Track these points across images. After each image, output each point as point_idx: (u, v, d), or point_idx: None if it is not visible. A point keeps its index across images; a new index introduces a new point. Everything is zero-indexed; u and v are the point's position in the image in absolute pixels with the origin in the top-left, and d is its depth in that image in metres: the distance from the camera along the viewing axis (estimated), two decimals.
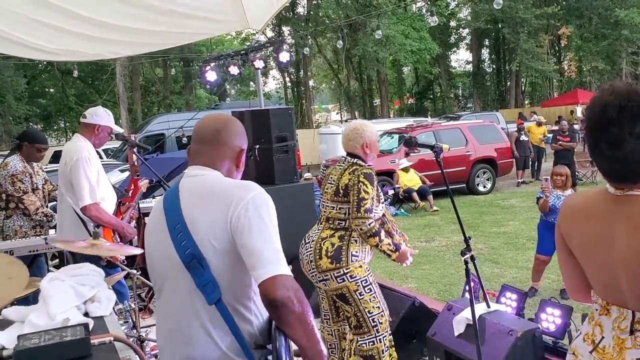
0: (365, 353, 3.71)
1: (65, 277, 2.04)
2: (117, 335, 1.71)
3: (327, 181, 3.86)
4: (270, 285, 1.70)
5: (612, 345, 1.87)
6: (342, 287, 3.65)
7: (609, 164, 1.80)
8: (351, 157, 3.82)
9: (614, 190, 1.83)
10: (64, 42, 5.45)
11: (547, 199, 6.15)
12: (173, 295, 1.90)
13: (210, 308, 1.81)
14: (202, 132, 2.04)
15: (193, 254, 1.81)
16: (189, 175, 2.00)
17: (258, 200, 1.84)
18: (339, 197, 3.70)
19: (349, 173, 3.69)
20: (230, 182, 1.97)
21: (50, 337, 1.62)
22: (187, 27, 5.55)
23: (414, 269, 7.97)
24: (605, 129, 1.74)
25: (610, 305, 1.89)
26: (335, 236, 3.69)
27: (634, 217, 1.76)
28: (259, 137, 6.15)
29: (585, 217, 1.91)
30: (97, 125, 4.28)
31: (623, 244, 1.77)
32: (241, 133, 2.09)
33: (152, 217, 2.05)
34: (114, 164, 13.58)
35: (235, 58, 8.57)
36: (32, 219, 5.12)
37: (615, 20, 31.57)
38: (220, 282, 1.82)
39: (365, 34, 29.81)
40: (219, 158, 2.01)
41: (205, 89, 38.66)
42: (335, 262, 3.63)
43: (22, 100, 29.45)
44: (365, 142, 3.78)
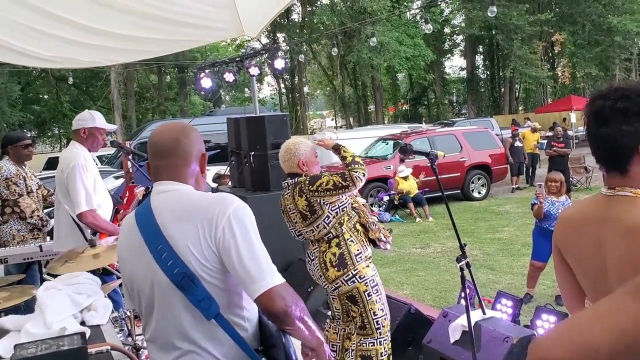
0: (364, 353, 3.77)
1: (62, 285, 2.03)
2: (114, 344, 1.71)
3: (289, 212, 3.80)
4: (268, 300, 1.74)
5: None
6: (352, 288, 3.70)
7: (595, 144, 1.81)
8: (292, 177, 3.80)
9: (606, 191, 1.84)
10: (59, 50, 5.44)
11: (541, 205, 6.17)
12: (165, 313, 1.86)
13: (209, 323, 1.80)
14: (163, 145, 1.94)
15: (183, 272, 1.78)
16: (159, 192, 1.92)
17: (239, 213, 1.82)
18: (309, 220, 3.69)
19: (299, 195, 3.67)
20: (207, 196, 1.92)
21: (47, 347, 1.61)
22: (183, 34, 5.55)
23: (410, 275, 7.97)
24: (594, 102, 1.78)
25: None
26: (333, 245, 3.71)
27: (623, 219, 1.76)
28: (254, 143, 6.16)
29: (579, 224, 1.91)
30: (83, 129, 4.27)
31: (613, 248, 1.78)
32: (199, 137, 2.02)
33: (125, 240, 1.97)
34: (109, 170, 13.56)
35: (230, 65, 8.58)
36: (28, 223, 5.11)
37: (608, 26, 31.74)
38: (214, 295, 1.81)
39: (359, 40, 29.90)
40: (185, 168, 1.94)
41: (200, 96, 38.70)
42: (342, 269, 3.67)
43: (16, 107, 29.38)
44: (300, 161, 3.77)
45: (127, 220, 1.99)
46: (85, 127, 4.26)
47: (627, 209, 1.76)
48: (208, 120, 18.22)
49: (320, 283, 3.88)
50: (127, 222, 1.99)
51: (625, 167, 1.77)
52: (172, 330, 1.86)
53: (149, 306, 1.91)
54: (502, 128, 23.33)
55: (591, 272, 1.89)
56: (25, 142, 5.22)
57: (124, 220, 2.06)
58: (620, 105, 1.71)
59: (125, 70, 28.51)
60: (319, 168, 3.93)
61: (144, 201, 2.01)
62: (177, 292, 1.81)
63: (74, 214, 4.08)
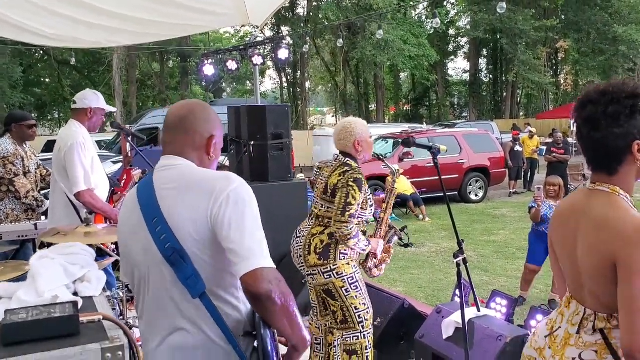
0: (348, 347, 3.75)
1: (56, 255, 2.01)
2: (106, 315, 1.69)
3: (320, 177, 3.87)
4: (252, 279, 1.68)
5: (561, 337, 1.94)
6: (328, 282, 3.68)
7: (587, 147, 1.87)
8: (343, 155, 3.80)
9: (589, 185, 1.91)
10: (62, 28, 5.40)
11: (539, 208, 6.16)
12: (156, 288, 1.86)
13: (195, 301, 1.78)
14: (169, 120, 1.96)
15: (173, 247, 1.76)
16: (162, 166, 1.92)
17: (240, 192, 1.80)
18: (326, 196, 3.71)
19: (339, 174, 3.66)
20: (208, 172, 1.91)
21: (38, 313, 1.59)
22: (188, 19, 5.52)
23: (403, 273, 7.97)
24: (584, 107, 1.84)
25: (572, 299, 1.96)
26: (325, 233, 3.70)
27: (591, 213, 1.83)
28: (255, 133, 6.13)
29: (563, 217, 1.99)
30: (89, 109, 4.24)
31: (582, 241, 1.85)
32: (210, 119, 1.99)
33: (125, 212, 1.97)
34: (107, 155, 13.52)
35: (233, 53, 8.55)
36: (23, 203, 5.08)
37: (613, 36, 31.75)
38: (203, 273, 1.78)
39: (364, 37, 29.84)
40: (187, 146, 1.93)
41: (201, 86, 38.62)
42: (322, 259, 3.65)
43: (17, 89, 29.29)
44: (356, 140, 3.75)
45: (130, 194, 1.99)
46: (91, 107, 4.25)
47: (600, 203, 1.82)
48: None
49: (297, 262, 3.85)
50: (130, 196, 1.99)
51: (615, 168, 1.83)
52: (162, 307, 1.85)
53: (142, 281, 1.90)
54: (503, 132, 23.33)
55: (568, 261, 1.97)
56: (30, 122, 5.19)
57: (127, 194, 2.05)
58: (612, 110, 1.77)
59: (128, 56, 28.45)
60: (371, 151, 3.92)
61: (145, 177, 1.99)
62: (168, 268, 1.79)
63: (71, 193, 4.05)
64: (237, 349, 1.79)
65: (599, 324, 1.84)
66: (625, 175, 1.82)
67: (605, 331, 1.82)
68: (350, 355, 3.76)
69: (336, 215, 3.57)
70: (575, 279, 1.93)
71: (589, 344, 1.85)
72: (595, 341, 1.84)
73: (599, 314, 1.84)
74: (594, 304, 1.85)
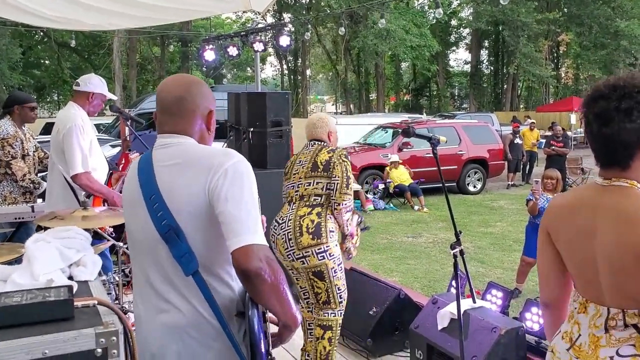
0: (325, 322, 3.86)
1: (51, 238, 2.00)
2: (101, 299, 1.68)
3: (296, 164, 3.98)
4: (243, 255, 1.67)
5: (588, 343, 1.88)
6: (321, 264, 3.74)
7: (598, 143, 1.81)
8: (318, 141, 4.02)
9: (601, 181, 1.85)
10: (63, 10, 5.37)
11: (536, 201, 6.16)
12: (151, 265, 1.87)
13: (188, 278, 1.79)
14: (167, 102, 1.93)
15: (169, 224, 1.77)
16: (161, 144, 1.92)
17: (239, 167, 1.80)
18: (317, 172, 3.81)
19: (327, 152, 3.87)
20: (208, 148, 1.91)
21: (32, 296, 1.58)
22: (189, 3, 5.49)
23: (399, 263, 7.98)
24: (595, 102, 1.78)
25: (589, 303, 1.89)
26: (314, 213, 3.78)
27: (616, 208, 1.77)
28: (254, 120, 6.10)
29: (571, 211, 1.92)
30: (91, 93, 4.22)
31: (604, 236, 1.79)
32: (207, 94, 1.99)
33: (128, 188, 1.98)
34: (106, 139, 13.49)
35: (235, 39, 8.50)
36: (20, 186, 5.06)
37: (615, 30, 31.66)
38: (198, 250, 1.79)
39: (366, 26, 29.73)
40: (188, 124, 1.92)
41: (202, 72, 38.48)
42: (316, 238, 3.72)
43: (17, 70, 29.18)
44: (330, 131, 4.06)
45: (131, 170, 2.00)
46: (94, 92, 4.22)
47: (621, 198, 1.78)
48: None
49: (284, 249, 3.82)
50: (131, 172, 1.99)
51: (628, 163, 1.78)
52: (156, 283, 1.86)
53: (139, 253, 1.92)
54: (503, 124, 23.30)
55: (580, 259, 1.90)
56: (32, 104, 5.17)
57: (129, 168, 2.05)
58: (624, 105, 1.72)
59: (129, 40, 28.32)
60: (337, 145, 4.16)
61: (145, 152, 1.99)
62: (163, 245, 1.80)
63: (68, 175, 4.03)
64: (227, 329, 1.79)
65: (630, 320, 1.78)
66: (637, 170, 1.79)
67: (639, 325, 1.77)
68: (325, 330, 3.86)
69: (342, 187, 3.75)
70: (589, 279, 1.86)
71: (624, 339, 1.79)
72: (630, 335, 1.78)
73: (628, 311, 1.78)
74: (621, 301, 1.79)
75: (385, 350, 4.53)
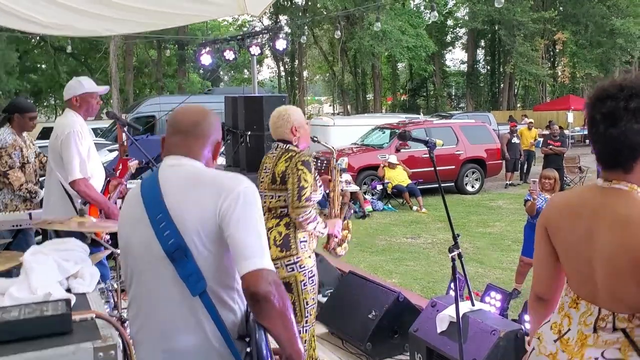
0: None
1: (49, 251, 2.00)
2: (99, 313, 1.68)
3: (263, 170, 3.77)
4: (253, 279, 1.69)
5: (576, 339, 1.89)
6: (290, 276, 3.59)
7: (603, 144, 1.81)
8: (282, 142, 3.73)
9: (602, 182, 1.85)
10: (58, 16, 5.36)
11: (534, 201, 6.16)
12: (154, 286, 1.86)
13: (193, 300, 1.79)
14: (182, 124, 1.99)
15: (177, 243, 1.78)
16: (169, 165, 1.95)
17: (249, 192, 1.84)
18: (276, 185, 3.61)
19: (285, 160, 3.59)
20: (217, 172, 1.95)
21: (30, 311, 1.58)
22: (185, 8, 5.48)
23: (399, 264, 7.98)
24: (603, 102, 1.77)
25: (580, 300, 1.91)
26: (282, 224, 3.61)
27: (614, 211, 1.78)
28: (251, 123, 6.13)
29: (571, 212, 1.93)
30: (74, 98, 4.20)
31: (601, 238, 1.80)
32: (218, 125, 2.08)
33: (127, 208, 1.99)
34: (103, 143, 13.49)
35: (231, 43, 8.50)
36: (19, 195, 5.05)
37: (611, 28, 31.68)
38: (205, 271, 1.79)
39: (362, 27, 29.74)
40: (199, 149, 1.98)
41: (199, 74, 38.48)
42: (285, 250, 3.57)
43: (13, 75, 29.15)
44: (293, 126, 3.69)
45: (133, 190, 2.01)
46: (75, 95, 4.20)
47: (619, 201, 1.78)
48: (205, 99, 18.13)
49: None
50: (133, 192, 2.01)
51: (631, 165, 1.78)
52: (158, 305, 1.85)
53: (138, 273, 1.90)
54: (500, 123, 23.32)
55: (577, 259, 1.91)
56: (33, 114, 5.15)
57: (130, 191, 2.07)
58: (633, 105, 1.72)
59: (125, 44, 28.29)
60: (308, 138, 3.85)
61: (139, 174, 2.01)
62: (169, 265, 1.80)
63: (66, 182, 4.03)
64: (235, 350, 1.79)
65: (620, 324, 1.80)
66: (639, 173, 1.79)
67: (627, 330, 1.78)
68: None
69: (293, 201, 3.50)
70: (585, 278, 1.88)
71: (611, 341, 1.80)
72: (617, 339, 1.80)
73: (618, 315, 1.80)
74: (613, 304, 1.81)
75: (385, 353, 4.53)
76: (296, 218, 3.53)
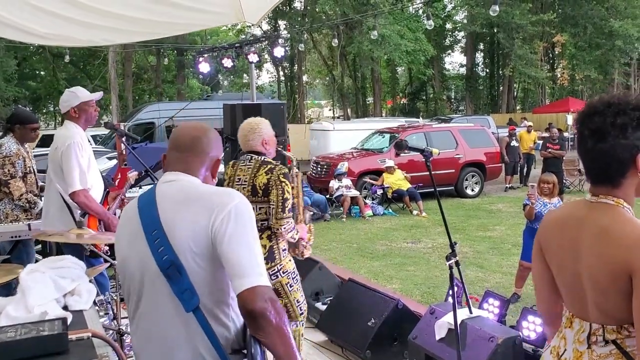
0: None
1: (46, 269, 2.01)
2: (95, 332, 1.69)
3: (235, 182, 3.80)
4: (249, 296, 1.70)
5: (572, 358, 1.91)
6: (275, 283, 3.73)
7: (592, 159, 1.84)
8: (255, 154, 3.81)
9: (589, 197, 1.88)
10: (56, 27, 5.36)
11: (533, 206, 6.17)
12: (150, 301, 1.87)
13: (187, 316, 1.80)
14: (182, 140, 2.02)
15: (171, 260, 1.79)
16: (166, 180, 1.96)
17: (241, 208, 1.84)
18: (257, 197, 3.67)
19: (266, 172, 3.67)
20: (210, 188, 1.96)
21: (27, 331, 1.59)
22: (182, 17, 5.49)
23: (399, 270, 7.98)
24: (591, 118, 1.81)
25: (574, 318, 1.93)
26: (264, 237, 3.70)
27: (598, 225, 1.81)
28: None
29: (561, 227, 1.96)
30: (72, 109, 4.22)
31: (586, 251, 1.82)
32: (219, 144, 2.09)
33: (125, 223, 2.00)
34: (102, 151, 13.49)
35: (229, 50, 8.52)
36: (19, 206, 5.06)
37: (609, 30, 31.69)
38: (198, 287, 1.80)
39: (361, 32, 29.75)
40: (198, 165, 1.99)
41: (198, 79, 38.51)
42: (270, 262, 3.69)
43: (12, 82, 29.16)
44: (263, 140, 3.80)
45: (130, 205, 2.02)
46: (72, 107, 4.21)
47: (604, 216, 1.81)
48: (204, 104, 18.16)
49: None
50: (130, 206, 2.01)
51: (619, 180, 1.81)
52: (154, 320, 1.86)
53: (136, 288, 1.91)
54: (499, 126, 23.34)
55: (567, 274, 1.93)
56: (35, 125, 5.18)
57: (127, 205, 2.07)
58: (620, 121, 1.75)
59: (124, 51, 28.31)
60: (275, 149, 3.95)
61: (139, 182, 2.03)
62: (163, 281, 1.81)
63: (66, 193, 4.04)
64: None
65: (609, 336, 1.82)
66: (627, 188, 1.81)
67: (618, 341, 1.80)
68: None
69: (277, 213, 3.63)
70: (575, 294, 1.90)
71: (604, 354, 1.83)
72: (610, 351, 1.82)
73: (607, 327, 1.82)
74: (601, 317, 1.83)
75: None
76: (279, 229, 3.66)
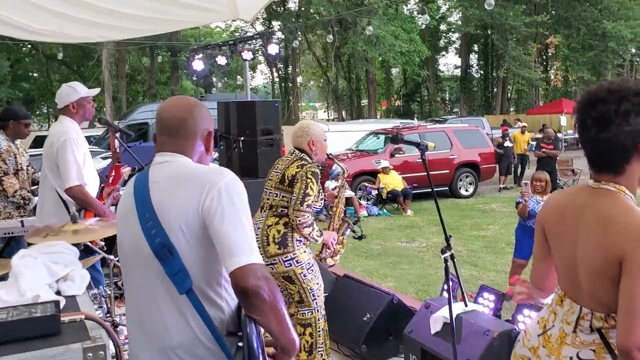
0: (303, 321, 4.00)
1: (38, 254, 1.99)
2: (88, 314, 1.67)
3: (274, 169, 4.07)
4: (242, 274, 1.67)
5: (557, 336, 1.94)
6: (289, 270, 3.87)
7: (595, 147, 1.84)
8: (298, 151, 4.05)
9: (592, 183, 1.89)
10: (50, 23, 5.34)
11: (526, 203, 6.17)
12: (144, 283, 1.86)
13: (180, 298, 1.78)
14: (169, 123, 1.96)
15: (163, 242, 1.77)
16: (158, 162, 1.94)
17: (231, 186, 1.81)
18: (283, 186, 3.89)
19: (297, 166, 3.90)
20: (201, 167, 1.93)
21: (19, 313, 1.57)
22: (177, 14, 5.48)
23: (394, 268, 7.98)
24: (593, 106, 1.81)
25: (566, 297, 1.95)
26: (280, 223, 3.89)
27: (597, 210, 1.82)
28: (244, 129, 6.13)
29: (562, 211, 1.97)
30: (71, 104, 4.20)
31: (584, 236, 1.84)
32: (207, 116, 2.02)
33: (123, 204, 1.99)
34: (97, 151, 13.45)
35: (223, 48, 8.51)
36: (12, 202, 5.03)
37: (602, 32, 31.91)
38: (190, 269, 1.78)
39: (355, 32, 29.81)
40: (189, 146, 1.95)
41: (192, 81, 38.48)
42: (282, 248, 3.85)
43: (5, 84, 29.10)
44: (311, 140, 4.03)
45: (128, 185, 2.01)
46: (72, 102, 4.20)
47: (604, 201, 1.82)
48: None
49: None
50: (128, 187, 2.00)
51: (623, 166, 1.82)
52: (147, 302, 1.85)
53: (131, 269, 1.91)
54: (493, 128, 23.40)
55: (564, 256, 1.96)
56: (28, 121, 5.17)
57: (127, 184, 2.06)
58: (624, 108, 1.75)
59: (117, 51, 28.28)
60: (324, 153, 4.16)
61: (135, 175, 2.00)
62: (156, 263, 1.79)
63: (62, 189, 4.02)
64: (224, 346, 1.78)
65: (596, 324, 1.83)
66: (630, 175, 1.82)
67: (602, 331, 1.82)
68: (305, 327, 3.99)
69: (295, 204, 3.80)
70: (570, 276, 1.91)
71: (587, 342, 1.84)
72: (593, 340, 1.83)
73: (596, 313, 1.83)
74: (592, 303, 1.84)
75: (379, 355, 4.52)
76: (294, 220, 3.81)
